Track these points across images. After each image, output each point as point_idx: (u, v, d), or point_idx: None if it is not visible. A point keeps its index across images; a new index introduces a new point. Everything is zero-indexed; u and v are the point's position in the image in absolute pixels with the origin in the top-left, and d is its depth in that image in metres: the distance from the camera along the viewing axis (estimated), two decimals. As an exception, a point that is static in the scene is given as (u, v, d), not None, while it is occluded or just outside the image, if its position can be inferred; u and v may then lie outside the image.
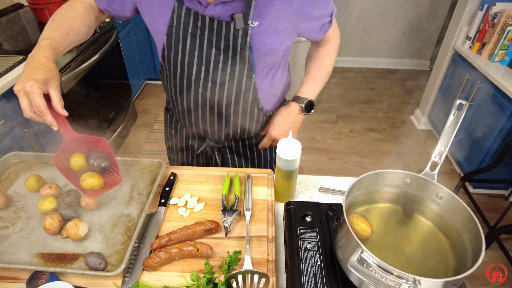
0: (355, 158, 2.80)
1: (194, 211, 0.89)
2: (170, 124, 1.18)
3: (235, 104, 0.96)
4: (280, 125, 1.05)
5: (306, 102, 1.04)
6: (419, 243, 0.73)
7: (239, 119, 1.00)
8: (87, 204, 0.86)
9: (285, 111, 1.05)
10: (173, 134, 1.18)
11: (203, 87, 0.93)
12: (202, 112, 0.98)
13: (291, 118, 1.05)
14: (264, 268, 0.77)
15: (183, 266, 0.77)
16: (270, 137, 1.07)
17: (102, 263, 0.75)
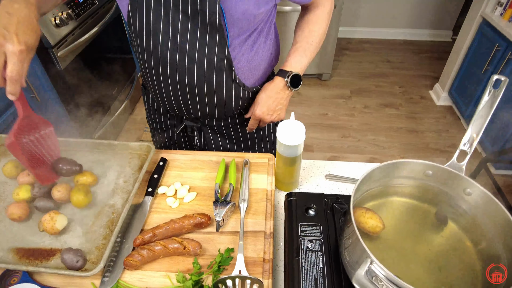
0: (369, 135, 2.66)
1: (184, 202, 0.80)
2: (148, 101, 1.07)
3: (207, 77, 0.84)
4: (264, 103, 0.92)
5: (292, 76, 0.91)
6: (440, 249, 0.62)
7: (214, 95, 0.89)
8: (59, 199, 0.77)
9: (269, 87, 0.92)
10: (151, 112, 1.08)
11: (171, 58, 0.82)
12: (173, 86, 0.87)
13: (275, 95, 0.92)
14: (260, 268, 0.68)
15: (168, 265, 0.69)
16: (254, 117, 0.95)
17: (80, 261, 0.67)
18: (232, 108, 0.94)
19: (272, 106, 0.93)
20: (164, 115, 1.04)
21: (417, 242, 0.64)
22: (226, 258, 0.68)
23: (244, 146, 1.07)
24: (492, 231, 0.58)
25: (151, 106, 1.06)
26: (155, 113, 1.07)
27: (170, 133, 1.08)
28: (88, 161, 0.90)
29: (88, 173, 0.82)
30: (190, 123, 1.00)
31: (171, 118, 1.03)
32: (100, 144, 0.92)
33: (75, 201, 0.77)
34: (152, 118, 1.10)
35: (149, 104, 1.07)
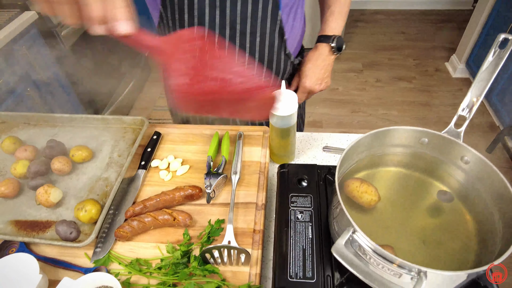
0: (381, 110, 2.59)
1: (177, 175, 0.80)
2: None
3: (260, 52, 0.82)
4: (312, 74, 0.91)
5: (337, 39, 0.89)
6: (433, 221, 0.60)
7: (264, 71, 0.87)
8: (58, 170, 0.79)
9: (313, 57, 0.91)
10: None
11: (220, 36, 0.79)
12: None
13: (321, 63, 0.91)
14: (249, 239, 0.68)
15: (159, 236, 0.69)
16: (304, 90, 0.93)
17: (73, 232, 0.68)
18: (277, 83, 0.92)
19: (320, 75, 0.91)
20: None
21: (410, 213, 0.62)
22: (216, 229, 0.68)
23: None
24: (489, 199, 0.55)
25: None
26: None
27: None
28: (83, 137, 0.90)
29: (83, 147, 0.83)
30: None
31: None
32: (94, 119, 0.92)
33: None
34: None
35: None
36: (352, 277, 0.57)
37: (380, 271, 0.49)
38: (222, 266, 0.64)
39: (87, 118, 0.92)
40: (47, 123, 0.96)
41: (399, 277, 0.48)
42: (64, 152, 0.85)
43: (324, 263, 0.60)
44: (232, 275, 0.63)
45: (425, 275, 0.43)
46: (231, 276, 0.63)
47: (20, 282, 0.61)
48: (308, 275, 0.59)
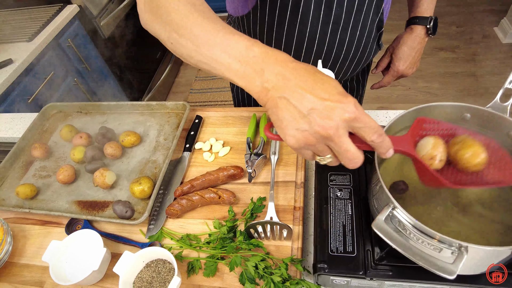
0: (421, 83, 2.48)
1: (219, 156, 0.84)
2: None
3: (357, 44, 0.80)
4: (408, 56, 0.89)
5: (434, 20, 0.85)
6: (474, 195, 0.60)
7: (354, 61, 0.85)
8: (111, 154, 0.86)
9: (409, 39, 0.88)
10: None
11: (322, 32, 0.76)
12: (313, 61, 0.83)
13: (417, 45, 0.88)
14: (290, 215, 0.71)
15: (206, 213, 0.75)
16: (396, 74, 0.92)
17: (129, 211, 0.75)
18: (357, 70, 0.91)
19: (415, 59, 0.90)
20: None
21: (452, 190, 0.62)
22: (258, 206, 0.72)
23: None
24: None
25: None
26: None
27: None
28: (130, 122, 0.97)
29: (131, 133, 0.89)
30: None
31: None
32: (139, 106, 0.98)
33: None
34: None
35: None
36: (392, 252, 0.58)
37: (420, 245, 0.50)
38: (266, 240, 0.68)
39: (132, 105, 0.98)
40: (97, 111, 1.03)
41: (439, 252, 0.49)
42: (115, 138, 0.92)
43: (364, 238, 0.62)
44: (275, 249, 0.67)
45: (466, 250, 0.44)
46: (274, 250, 0.67)
47: (89, 253, 0.68)
48: (349, 249, 0.61)
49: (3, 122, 1.16)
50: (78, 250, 0.70)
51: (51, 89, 1.66)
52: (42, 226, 0.80)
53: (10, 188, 0.89)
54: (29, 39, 1.58)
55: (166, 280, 0.63)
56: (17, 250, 0.77)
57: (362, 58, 0.87)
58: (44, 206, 0.83)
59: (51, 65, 1.66)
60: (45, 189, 0.87)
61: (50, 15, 1.70)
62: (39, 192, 0.86)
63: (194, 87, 2.76)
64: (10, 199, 0.86)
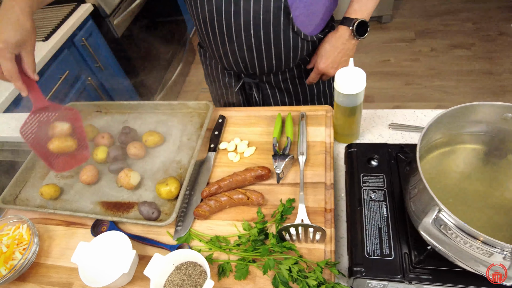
0: (436, 81, 2.44)
1: (245, 156, 0.83)
2: (205, 61, 1.08)
3: (264, 28, 0.81)
4: (329, 55, 0.88)
5: (358, 23, 0.83)
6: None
7: (272, 48, 0.86)
8: (134, 154, 0.85)
9: (333, 38, 0.87)
10: (209, 72, 1.09)
11: (226, 12, 0.80)
12: (229, 42, 0.86)
13: (340, 45, 0.87)
14: (321, 218, 0.69)
15: (234, 214, 0.73)
16: (317, 71, 0.91)
17: (155, 213, 0.74)
18: (290, 60, 0.91)
19: (337, 58, 0.88)
20: (222, 74, 1.05)
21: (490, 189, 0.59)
22: (288, 208, 0.71)
23: (303, 99, 1.05)
24: None
25: (209, 65, 1.07)
26: (213, 73, 1.08)
27: (228, 92, 1.09)
28: (152, 122, 0.96)
29: (154, 132, 0.88)
30: (248, 79, 0.99)
31: (229, 76, 1.04)
32: (160, 105, 0.97)
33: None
34: (210, 78, 1.11)
35: (207, 64, 1.08)
36: (431, 255, 0.57)
37: (469, 249, 0.48)
38: (298, 243, 0.66)
39: (154, 105, 0.97)
40: (116, 110, 1.02)
41: (489, 256, 0.47)
42: (137, 138, 0.91)
43: (400, 241, 0.60)
44: (307, 252, 0.65)
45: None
46: (306, 253, 0.65)
47: (117, 255, 0.67)
48: (386, 252, 0.59)
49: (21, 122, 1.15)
50: (106, 252, 0.69)
51: (66, 88, 1.66)
52: (66, 227, 0.80)
53: (33, 188, 0.88)
54: (45, 39, 1.58)
55: (197, 284, 0.61)
56: (43, 251, 0.76)
57: (280, 45, 0.85)
58: (68, 207, 0.82)
59: (66, 64, 1.66)
60: (68, 189, 0.86)
61: (65, 14, 1.70)
62: (62, 192, 0.86)
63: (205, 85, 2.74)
64: (33, 199, 0.86)
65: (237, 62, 0.91)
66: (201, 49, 1.07)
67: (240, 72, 0.98)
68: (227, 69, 0.99)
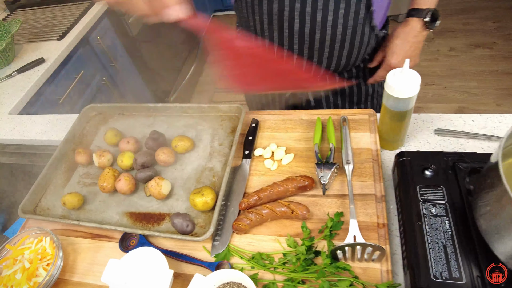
0: (457, 82, 2.37)
1: (283, 164, 0.77)
2: None
3: (343, 24, 0.76)
4: (400, 51, 0.83)
5: (431, 13, 0.79)
6: None
7: (346, 45, 0.80)
8: (164, 161, 0.79)
9: (403, 32, 0.82)
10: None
11: (302, 8, 0.74)
12: (299, 42, 0.80)
13: (412, 39, 0.82)
14: (374, 233, 0.63)
15: (276, 229, 0.67)
16: (388, 68, 0.86)
17: (189, 225, 0.68)
18: (359, 57, 0.86)
19: (409, 53, 0.84)
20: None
21: None
22: (336, 223, 0.64)
23: (357, 100, 0.98)
24: None
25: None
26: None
27: (276, 94, 1.01)
28: (180, 126, 0.90)
29: (185, 137, 0.82)
30: None
31: None
32: (189, 108, 0.91)
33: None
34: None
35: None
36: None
37: None
38: (351, 262, 0.60)
39: (181, 107, 0.91)
40: (140, 113, 0.97)
41: None
42: (166, 143, 0.85)
43: (470, 263, 0.54)
44: (362, 271, 0.59)
45: None
46: (361, 272, 0.59)
47: (151, 274, 0.61)
48: (455, 275, 0.53)
49: (38, 124, 1.10)
50: (138, 270, 0.63)
51: (81, 88, 1.61)
52: (92, 240, 0.74)
53: (54, 196, 0.83)
54: (60, 37, 1.52)
55: (242, 307, 0.55)
56: (68, 266, 0.70)
57: (354, 40, 0.81)
58: (93, 218, 0.77)
59: (81, 64, 1.61)
60: (91, 198, 0.81)
61: (80, 12, 1.65)
62: (86, 201, 0.80)
63: (220, 86, 2.69)
64: (55, 208, 0.80)
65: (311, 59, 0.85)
66: None
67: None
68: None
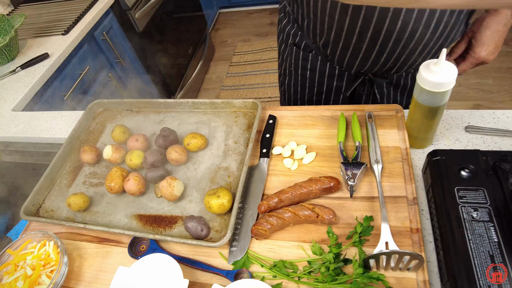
0: (472, 79, 2.30)
1: (304, 163, 0.71)
2: (305, 64, 0.90)
3: (440, 15, 0.69)
4: (491, 42, 0.77)
5: None
6: None
7: (435, 36, 0.73)
8: (175, 160, 0.73)
9: (494, 22, 0.75)
10: (310, 77, 0.91)
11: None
12: (385, 37, 0.72)
13: (502, 28, 0.76)
14: (407, 240, 0.58)
15: (299, 234, 0.61)
16: (476, 60, 0.80)
17: (204, 230, 0.63)
18: (439, 49, 0.78)
19: (499, 43, 0.78)
20: (329, 78, 0.89)
21: None
22: (366, 228, 0.59)
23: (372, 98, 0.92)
24: None
25: (311, 70, 0.90)
26: (315, 78, 0.92)
27: (323, 88, 0.93)
28: (192, 122, 0.85)
29: (197, 135, 0.77)
30: (370, 77, 0.86)
31: (339, 75, 0.87)
32: (201, 104, 0.86)
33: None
34: (308, 82, 0.94)
35: (307, 68, 0.91)
36: None
37: None
38: (383, 271, 0.54)
39: (193, 103, 0.86)
40: (150, 109, 0.91)
41: None
42: (177, 141, 0.80)
43: (522, 274, 0.48)
44: (396, 282, 0.54)
45: None
46: (395, 283, 0.53)
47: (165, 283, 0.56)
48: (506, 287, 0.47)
49: (43, 121, 1.06)
50: (149, 278, 0.58)
51: (86, 85, 1.56)
52: (99, 244, 0.69)
53: (59, 196, 0.78)
54: (65, 32, 1.48)
55: (266, 322, 0.50)
56: (73, 273, 0.65)
57: (442, 34, 0.73)
58: (100, 220, 0.71)
59: (86, 60, 1.56)
60: (98, 199, 0.76)
61: (85, 7, 1.60)
62: (92, 202, 0.75)
63: (226, 83, 2.64)
64: (60, 210, 0.75)
65: (380, 55, 0.77)
66: (302, 52, 0.89)
67: (361, 69, 0.82)
68: (343, 67, 0.85)
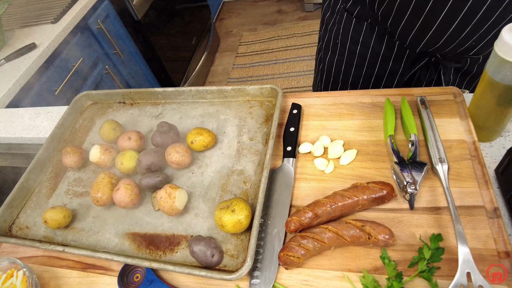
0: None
1: (341, 164, 0.55)
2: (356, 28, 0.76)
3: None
4: None
5: None
6: None
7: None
8: (177, 163, 0.58)
9: None
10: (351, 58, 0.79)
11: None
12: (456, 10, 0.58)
13: None
14: (495, 267, 0.42)
15: (343, 260, 0.46)
16: None
17: (216, 255, 0.48)
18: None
19: None
20: (384, 56, 0.77)
21: None
22: (435, 251, 0.43)
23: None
24: None
25: (362, 45, 0.78)
26: (366, 56, 0.79)
27: (374, 69, 0.81)
28: (196, 115, 0.69)
29: (203, 130, 0.61)
30: (437, 58, 0.73)
31: (397, 56, 0.75)
32: (207, 92, 0.70)
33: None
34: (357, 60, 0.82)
35: (358, 41, 0.78)
36: None
37: None
38: (468, 317, 0.39)
39: (198, 92, 0.71)
40: (146, 100, 0.76)
41: None
42: (179, 138, 0.64)
43: None
44: (488, 333, 0.38)
45: None
46: (487, 335, 0.38)
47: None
48: None
49: (26, 118, 0.91)
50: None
51: (81, 78, 1.42)
52: (82, 272, 0.54)
53: (37, 209, 0.64)
54: (54, 21, 1.33)
55: None
56: (48, 312, 0.51)
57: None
58: (84, 240, 0.57)
59: (79, 51, 1.41)
60: (83, 213, 0.61)
61: (76, -7, 1.45)
62: (76, 217, 0.60)
63: (232, 75, 2.48)
64: (37, 226, 0.61)
65: (461, 29, 0.63)
66: (345, 13, 0.76)
67: (430, 48, 0.69)
68: (405, 44, 0.71)
